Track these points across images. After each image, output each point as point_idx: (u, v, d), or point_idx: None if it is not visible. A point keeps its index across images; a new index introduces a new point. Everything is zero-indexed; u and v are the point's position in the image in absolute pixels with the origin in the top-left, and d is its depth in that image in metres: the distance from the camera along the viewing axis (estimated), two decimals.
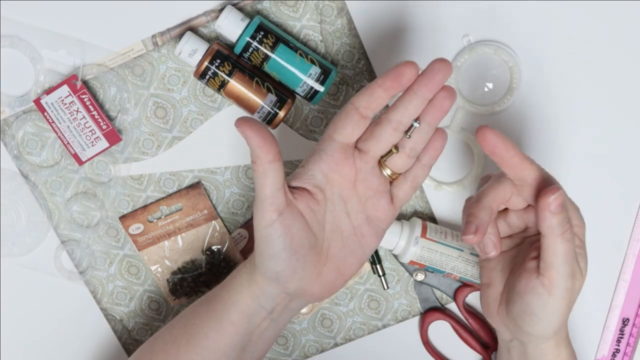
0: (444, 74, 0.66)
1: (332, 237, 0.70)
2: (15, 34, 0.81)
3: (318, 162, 0.69)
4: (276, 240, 0.67)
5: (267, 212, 0.66)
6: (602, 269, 0.85)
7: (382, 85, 0.67)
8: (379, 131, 0.68)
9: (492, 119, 0.83)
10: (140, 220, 0.83)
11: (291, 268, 0.68)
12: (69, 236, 0.84)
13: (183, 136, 0.83)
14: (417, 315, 0.86)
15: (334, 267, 0.70)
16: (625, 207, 0.84)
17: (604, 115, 0.83)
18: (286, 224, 0.67)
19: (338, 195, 0.70)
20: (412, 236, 0.81)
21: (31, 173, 0.83)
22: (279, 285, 0.69)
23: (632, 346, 0.85)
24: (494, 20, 0.82)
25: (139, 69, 0.82)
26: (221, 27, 0.79)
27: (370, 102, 0.67)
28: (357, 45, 0.82)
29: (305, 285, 0.69)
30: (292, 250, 0.67)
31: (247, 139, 0.65)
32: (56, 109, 0.81)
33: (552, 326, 0.67)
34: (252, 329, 0.72)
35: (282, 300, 0.71)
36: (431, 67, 0.66)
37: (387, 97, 0.67)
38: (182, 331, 0.74)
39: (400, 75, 0.66)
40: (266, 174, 0.66)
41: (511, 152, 0.65)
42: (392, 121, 0.68)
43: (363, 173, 0.70)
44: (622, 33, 0.82)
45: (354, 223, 0.70)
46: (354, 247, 0.71)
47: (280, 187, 0.66)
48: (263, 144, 0.65)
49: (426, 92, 0.66)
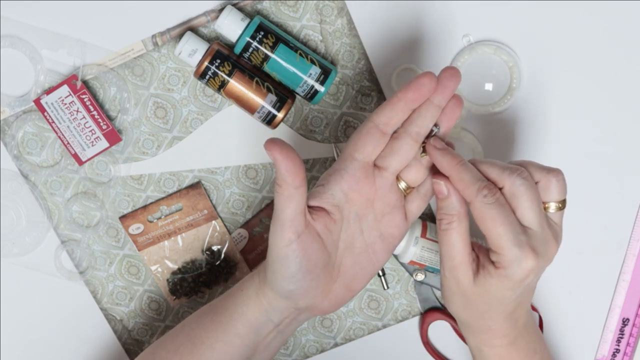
0: (456, 81, 0.66)
1: (344, 254, 0.70)
2: (15, 34, 0.81)
3: (339, 181, 0.68)
4: (292, 261, 0.66)
5: (286, 233, 0.66)
6: (602, 269, 0.85)
7: (403, 99, 0.67)
8: (398, 145, 0.68)
9: (492, 119, 0.83)
10: (140, 220, 0.83)
11: (305, 288, 0.68)
12: (69, 236, 0.84)
13: (183, 136, 0.83)
14: (417, 315, 0.86)
15: (344, 283, 0.70)
16: (625, 207, 0.84)
17: (604, 115, 0.83)
18: (304, 246, 0.66)
19: (355, 213, 0.69)
20: (412, 236, 0.81)
21: (31, 173, 0.83)
22: (290, 302, 0.69)
23: (632, 346, 0.86)
24: (494, 20, 0.82)
25: (139, 69, 0.82)
26: (221, 27, 0.79)
27: (391, 117, 0.67)
28: (357, 45, 0.82)
29: (315, 302, 0.69)
30: (307, 271, 0.67)
31: (276, 162, 0.64)
32: (56, 109, 0.81)
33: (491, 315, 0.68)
34: (258, 340, 0.72)
35: (290, 314, 0.71)
36: (444, 75, 0.66)
37: (408, 110, 0.67)
38: (185, 340, 0.74)
39: (421, 86, 0.66)
40: (291, 198, 0.65)
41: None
42: (411, 133, 0.68)
43: (382, 190, 0.69)
44: (622, 33, 0.82)
45: (367, 240, 0.70)
46: (365, 264, 0.70)
47: (302, 211, 0.66)
48: (292, 168, 0.64)
49: (441, 100, 0.67)
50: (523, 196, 0.65)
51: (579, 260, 0.85)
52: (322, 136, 0.83)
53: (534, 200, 0.65)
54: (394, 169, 0.69)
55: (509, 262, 0.65)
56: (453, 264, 0.67)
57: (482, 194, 0.64)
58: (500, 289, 0.66)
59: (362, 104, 0.83)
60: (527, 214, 0.65)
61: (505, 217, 0.64)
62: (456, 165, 0.66)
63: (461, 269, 0.67)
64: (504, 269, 0.65)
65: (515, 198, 0.65)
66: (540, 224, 0.66)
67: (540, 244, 0.65)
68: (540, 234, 0.66)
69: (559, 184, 0.67)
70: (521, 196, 0.65)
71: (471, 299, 0.68)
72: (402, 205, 0.70)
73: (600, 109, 0.83)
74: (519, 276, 0.65)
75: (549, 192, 0.67)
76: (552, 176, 0.67)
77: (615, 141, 0.84)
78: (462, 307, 0.69)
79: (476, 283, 0.67)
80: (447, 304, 0.71)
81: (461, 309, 0.70)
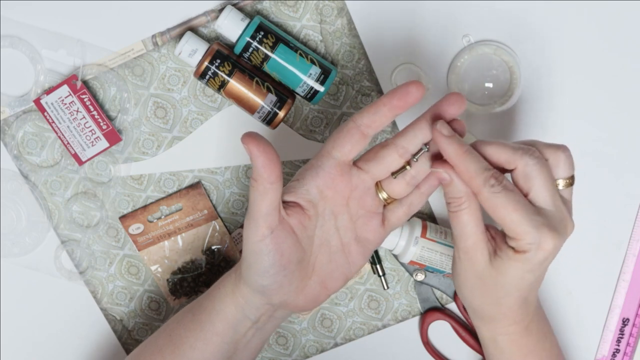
0: (458, 107, 0.66)
1: (319, 251, 0.70)
2: (15, 34, 0.81)
3: (314, 178, 0.68)
4: (266, 256, 0.66)
5: (260, 228, 0.66)
6: (602, 269, 0.85)
7: (387, 104, 0.66)
8: (383, 154, 0.67)
9: (492, 119, 0.83)
10: (140, 220, 0.83)
11: (278, 283, 0.68)
12: (69, 236, 0.84)
13: (183, 136, 0.83)
14: (417, 315, 0.86)
15: (319, 280, 0.70)
16: (626, 207, 0.84)
17: (604, 115, 0.83)
18: (277, 241, 0.66)
19: (330, 210, 0.69)
20: (412, 236, 0.81)
21: (31, 173, 0.83)
22: (264, 297, 0.69)
23: (632, 346, 0.86)
24: (494, 20, 0.82)
25: (139, 69, 0.82)
26: (221, 27, 0.79)
27: (373, 120, 0.66)
28: (357, 45, 0.82)
29: (289, 298, 0.69)
30: (281, 266, 0.67)
31: (252, 156, 0.64)
32: (56, 109, 0.81)
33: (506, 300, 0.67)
34: (237, 338, 0.72)
35: (266, 310, 0.71)
36: (447, 99, 0.66)
37: (391, 116, 0.66)
38: (167, 341, 0.74)
39: (407, 94, 0.65)
40: (266, 194, 0.65)
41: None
42: (398, 147, 0.67)
43: (358, 191, 0.69)
44: (622, 33, 0.82)
45: (342, 239, 0.70)
46: (340, 263, 0.70)
47: (277, 206, 0.66)
48: (268, 164, 0.64)
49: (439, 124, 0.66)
50: (538, 176, 0.64)
51: (579, 260, 0.85)
52: (322, 136, 0.83)
53: (548, 178, 0.65)
54: (372, 175, 0.68)
55: (529, 246, 0.63)
56: (467, 245, 0.66)
57: (490, 184, 0.63)
58: (520, 270, 0.65)
59: (362, 104, 0.83)
60: (542, 193, 0.64)
61: (517, 202, 0.63)
62: (463, 154, 0.64)
63: (477, 249, 0.66)
64: (524, 253, 0.64)
65: (530, 178, 0.64)
66: (554, 202, 0.65)
67: (558, 223, 0.64)
68: (555, 213, 0.65)
69: (568, 159, 0.66)
70: (536, 176, 0.64)
71: (487, 282, 0.67)
72: (380, 212, 0.70)
73: (600, 108, 0.83)
74: (540, 258, 0.64)
75: (558, 168, 0.66)
76: (560, 152, 0.66)
77: (616, 141, 0.84)
78: (476, 291, 0.68)
79: (493, 264, 0.66)
80: (460, 289, 0.69)
81: (476, 294, 0.68)
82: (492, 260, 0.66)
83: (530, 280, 0.66)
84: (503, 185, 0.63)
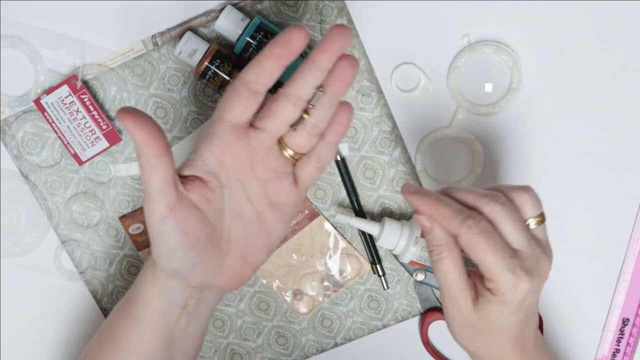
0: (344, 40, 0.61)
1: (232, 225, 0.66)
2: (15, 34, 0.81)
3: (209, 146, 0.64)
4: (170, 236, 0.63)
5: (157, 207, 0.62)
6: (602, 269, 0.85)
7: (270, 55, 0.62)
8: (276, 107, 0.64)
9: (492, 119, 0.83)
10: (140, 220, 0.83)
11: (190, 263, 0.64)
12: (69, 236, 0.84)
13: (183, 136, 0.83)
14: (417, 315, 0.86)
15: (238, 255, 0.66)
16: (626, 207, 0.84)
17: (604, 115, 0.83)
18: (179, 219, 0.63)
19: (235, 179, 0.65)
20: (412, 236, 0.81)
21: (31, 173, 0.83)
22: (180, 280, 0.66)
23: (632, 346, 0.86)
24: (494, 20, 0.82)
25: (139, 69, 0.82)
26: (221, 27, 0.79)
27: (259, 75, 0.62)
28: (357, 45, 0.82)
29: (208, 278, 0.66)
30: (188, 246, 0.63)
31: (130, 132, 0.60)
32: (56, 109, 0.81)
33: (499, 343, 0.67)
34: (170, 328, 0.69)
35: (190, 293, 0.68)
36: (329, 34, 0.61)
37: (278, 67, 0.62)
38: (107, 336, 0.71)
39: (288, 41, 0.61)
40: (154, 169, 0.61)
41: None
42: (290, 96, 0.63)
43: (260, 153, 0.65)
44: (622, 33, 0.82)
45: (256, 208, 0.66)
46: (259, 233, 0.67)
47: (171, 181, 0.62)
48: (148, 137, 0.60)
49: (325, 61, 0.62)
50: (505, 220, 0.64)
51: (579, 260, 0.85)
52: None
53: (517, 221, 0.64)
54: (270, 132, 0.65)
55: (504, 288, 0.63)
56: (450, 293, 0.66)
57: (467, 225, 0.63)
58: (502, 313, 0.65)
59: (362, 104, 0.83)
60: (513, 236, 0.64)
61: (494, 244, 0.63)
62: (433, 204, 0.64)
63: (460, 297, 0.66)
64: (500, 295, 0.64)
65: (498, 224, 0.64)
66: (528, 243, 0.64)
67: (533, 264, 0.64)
68: (530, 254, 0.64)
69: (532, 199, 0.66)
70: (503, 221, 0.64)
71: (476, 328, 0.67)
72: (289, 171, 0.66)
73: (600, 108, 0.83)
74: (517, 300, 0.64)
75: (526, 209, 0.66)
76: (524, 193, 0.66)
77: (615, 141, 0.84)
78: (469, 337, 0.68)
79: (476, 310, 0.66)
80: (453, 335, 0.70)
81: (469, 339, 0.68)
82: (475, 306, 0.66)
83: (515, 320, 0.66)
84: (481, 227, 0.63)
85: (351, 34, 0.62)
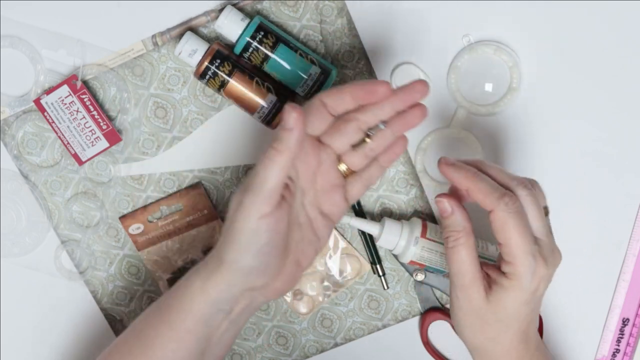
0: (422, 95, 0.67)
1: (292, 229, 0.69)
2: (15, 34, 0.81)
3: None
4: (264, 234, 0.65)
5: (263, 204, 0.64)
6: (602, 269, 0.85)
7: (352, 94, 0.67)
8: (345, 127, 0.69)
9: (492, 119, 0.83)
10: (140, 220, 0.83)
11: (266, 263, 0.66)
12: (69, 236, 0.84)
13: (183, 136, 0.83)
14: (417, 315, 0.86)
15: (294, 259, 0.70)
16: (626, 207, 0.84)
17: (604, 115, 0.83)
18: (277, 218, 0.65)
19: (300, 187, 0.69)
20: (412, 236, 0.81)
21: (31, 173, 0.83)
22: (247, 281, 0.67)
23: (632, 346, 0.86)
24: (494, 20, 0.82)
25: (139, 69, 0.82)
26: (221, 27, 0.79)
27: (338, 103, 0.68)
28: (357, 45, 0.82)
29: (270, 281, 0.68)
30: (274, 246, 0.66)
31: (288, 125, 0.63)
32: (56, 109, 0.81)
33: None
34: (210, 332, 0.70)
35: (243, 299, 0.69)
36: (412, 86, 0.67)
37: (355, 105, 0.68)
38: (137, 342, 0.72)
39: (373, 92, 0.67)
40: (283, 168, 0.64)
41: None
42: (359, 121, 0.68)
43: (325, 166, 0.70)
44: (622, 33, 0.82)
45: (309, 215, 0.70)
46: (311, 239, 0.70)
47: (283, 183, 0.65)
48: (301, 140, 0.64)
49: (400, 106, 0.67)
50: (531, 207, 0.66)
51: (579, 260, 0.85)
52: None
53: (540, 210, 0.67)
54: (336, 148, 0.70)
55: (523, 272, 0.65)
56: (464, 282, 0.67)
57: (504, 202, 0.65)
58: (515, 301, 0.66)
59: None
60: (536, 223, 0.66)
61: (525, 226, 0.65)
62: (472, 177, 0.66)
63: (473, 286, 0.67)
64: (517, 280, 0.65)
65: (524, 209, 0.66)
66: (547, 233, 0.67)
67: (549, 253, 0.67)
68: (548, 243, 0.67)
69: (542, 191, 0.69)
70: (529, 207, 0.66)
71: (486, 318, 0.68)
72: (343, 184, 0.71)
73: (600, 108, 0.83)
74: (532, 287, 0.66)
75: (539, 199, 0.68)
76: (536, 184, 0.68)
77: (615, 141, 0.84)
78: (476, 329, 0.69)
79: (489, 299, 0.67)
80: (460, 329, 0.70)
81: (476, 331, 0.69)
82: (488, 295, 0.67)
83: (527, 312, 0.67)
84: (516, 206, 0.65)
85: (429, 91, 0.67)
